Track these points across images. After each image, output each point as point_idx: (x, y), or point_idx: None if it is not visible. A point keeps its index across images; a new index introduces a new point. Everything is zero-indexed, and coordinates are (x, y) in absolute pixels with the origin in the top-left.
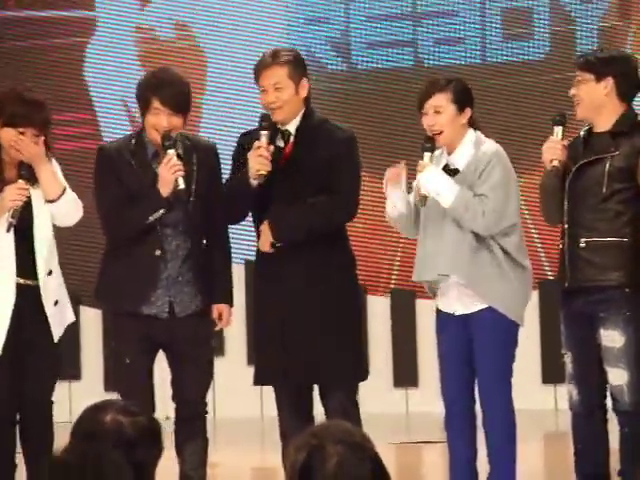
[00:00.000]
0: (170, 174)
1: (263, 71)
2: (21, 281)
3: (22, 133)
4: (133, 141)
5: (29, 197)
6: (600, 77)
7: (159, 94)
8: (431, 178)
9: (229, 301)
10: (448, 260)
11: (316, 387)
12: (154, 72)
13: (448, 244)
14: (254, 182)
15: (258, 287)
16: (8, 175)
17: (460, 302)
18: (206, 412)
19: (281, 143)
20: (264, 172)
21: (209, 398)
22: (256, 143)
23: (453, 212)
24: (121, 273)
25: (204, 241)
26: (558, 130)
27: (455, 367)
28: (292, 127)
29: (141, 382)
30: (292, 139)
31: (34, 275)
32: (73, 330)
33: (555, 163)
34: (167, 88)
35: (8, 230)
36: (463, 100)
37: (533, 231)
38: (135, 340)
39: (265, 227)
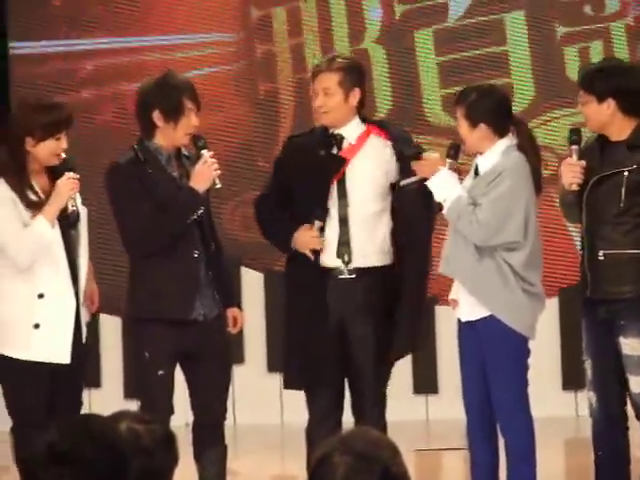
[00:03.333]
0: (210, 172)
1: (316, 75)
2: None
3: (59, 139)
4: (140, 152)
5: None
6: (601, 98)
7: (190, 95)
8: (439, 183)
9: (240, 306)
10: (448, 261)
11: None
12: (171, 76)
13: (451, 246)
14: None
15: (304, 294)
16: (40, 182)
17: (466, 308)
18: (226, 418)
19: (334, 149)
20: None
21: (229, 406)
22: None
23: (448, 218)
24: (164, 280)
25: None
26: (575, 150)
27: (472, 374)
28: (347, 132)
29: (169, 393)
30: (347, 144)
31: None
32: (93, 338)
33: (574, 187)
34: (193, 88)
35: (77, 219)
36: (476, 116)
37: (553, 238)
38: (168, 350)
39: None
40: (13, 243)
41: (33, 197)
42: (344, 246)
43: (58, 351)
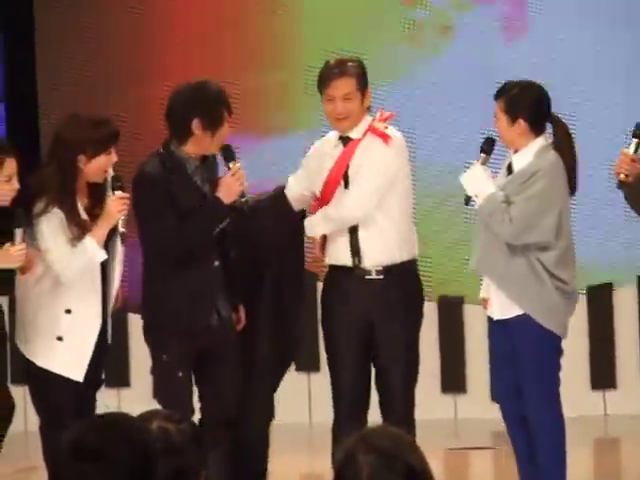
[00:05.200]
0: (238, 185)
1: (332, 81)
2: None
3: (109, 154)
4: (166, 159)
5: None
6: None
7: (227, 106)
8: (472, 179)
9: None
10: (479, 260)
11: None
12: (210, 85)
13: (481, 243)
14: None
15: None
16: (82, 199)
17: (497, 307)
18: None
19: (339, 148)
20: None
21: None
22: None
23: (480, 215)
24: (179, 293)
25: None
26: (633, 142)
27: (501, 372)
28: (355, 134)
29: (190, 394)
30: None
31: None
32: (122, 338)
33: (622, 177)
34: (228, 98)
35: (123, 242)
36: (515, 111)
37: (578, 235)
38: (185, 352)
39: None
40: (61, 260)
41: (77, 216)
42: (355, 251)
43: (74, 368)
